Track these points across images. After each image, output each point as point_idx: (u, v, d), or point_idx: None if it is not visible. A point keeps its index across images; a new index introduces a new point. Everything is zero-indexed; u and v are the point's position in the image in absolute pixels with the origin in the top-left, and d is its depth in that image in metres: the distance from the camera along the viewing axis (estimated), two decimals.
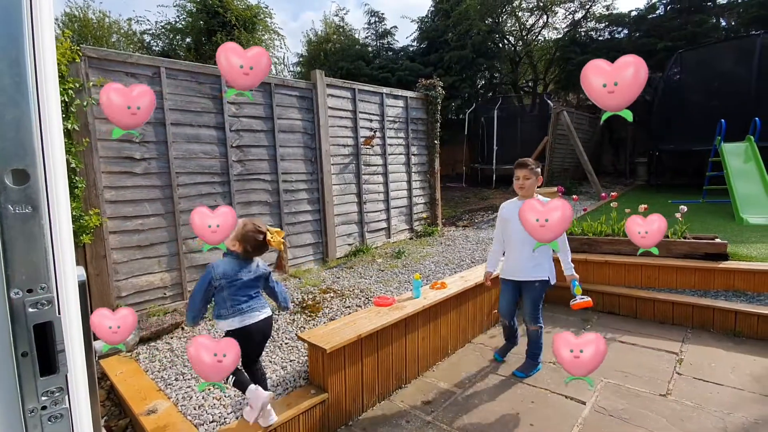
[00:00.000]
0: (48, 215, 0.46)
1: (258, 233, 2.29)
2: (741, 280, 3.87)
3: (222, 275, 2.21)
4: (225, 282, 2.21)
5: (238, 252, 2.30)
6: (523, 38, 15.76)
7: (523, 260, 3.04)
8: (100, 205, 3.54)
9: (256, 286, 2.35)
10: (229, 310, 2.23)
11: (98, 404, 0.57)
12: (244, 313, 2.25)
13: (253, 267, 2.35)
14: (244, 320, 2.24)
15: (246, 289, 2.29)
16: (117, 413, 2.77)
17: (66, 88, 3.28)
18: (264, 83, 4.75)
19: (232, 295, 2.24)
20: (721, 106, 8.79)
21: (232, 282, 2.23)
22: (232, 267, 2.26)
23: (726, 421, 2.44)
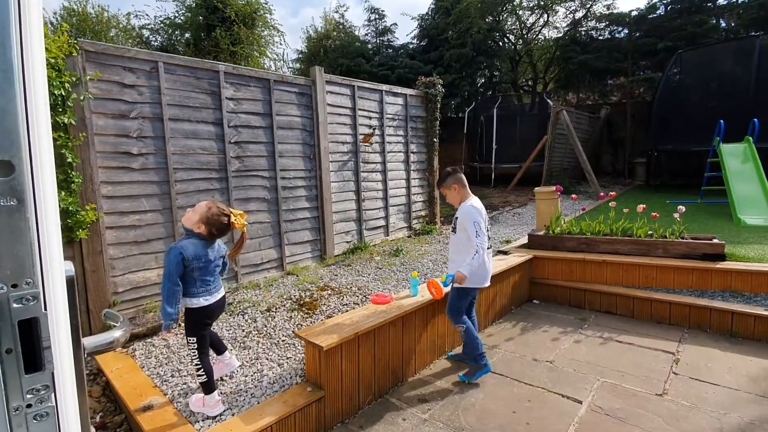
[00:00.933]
0: (34, 208, 0.45)
1: (223, 215, 2.37)
2: (738, 281, 3.88)
3: (194, 257, 2.29)
4: (197, 263, 2.31)
5: (204, 234, 2.36)
6: (523, 37, 15.72)
7: (449, 265, 3.17)
8: (97, 201, 3.51)
9: (218, 265, 2.48)
10: (198, 289, 2.35)
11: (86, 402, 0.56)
12: (211, 293, 2.39)
13: (217, 247, 2.46)
14: (209, 299, 2.39)
15: (214, 269, 2.41)
16: (113, 409, 2.76)
17: (63, 81, 3.25)
18: (263, 79, 4.72)
19: (202, 275, 2.34)
20: (720, 107, 8.79)
21: (204, 263, 2.33)
22: (202, 248, 2.35)
23: (722, 421, 2.44)
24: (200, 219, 2.34)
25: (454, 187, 3.03)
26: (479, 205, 2.95)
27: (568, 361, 3.24)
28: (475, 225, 2.82)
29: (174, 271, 2.25)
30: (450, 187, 3.04)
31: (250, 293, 4.30)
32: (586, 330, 3.81)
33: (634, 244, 4.40)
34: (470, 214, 2.87)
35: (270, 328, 3.49)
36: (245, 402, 2.50)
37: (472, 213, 2.87)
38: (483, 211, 2.93)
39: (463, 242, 2.93)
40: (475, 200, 2.99)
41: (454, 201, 3.07)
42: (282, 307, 3.90)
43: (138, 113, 3.76)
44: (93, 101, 3.49)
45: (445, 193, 3.10)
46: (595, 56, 12.60)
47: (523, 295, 4.60)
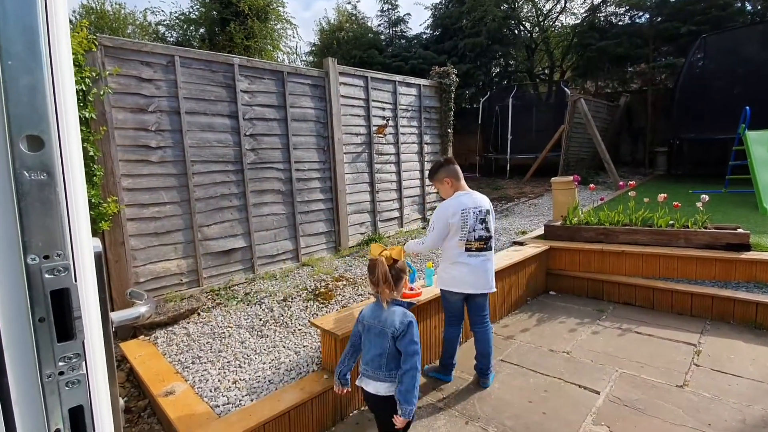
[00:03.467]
0: (63, 183, 0.47)
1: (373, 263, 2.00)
2: (763, 271, 3.76)
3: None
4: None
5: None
6: (539, 24, 15.37)
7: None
8: (118, 193, 3.60)
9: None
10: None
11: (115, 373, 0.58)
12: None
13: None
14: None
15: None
16: (136, 395, 2.85)
17: (83, 76, 3.33)
18: (276, 71, 4.74)
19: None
20: (745, 93, 8.45)
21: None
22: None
23: (745, 413, 2.39)
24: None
25: (447, 181, 2.70)
26: (462, 203, 2.62)
27: (585, 352, 3.21)
28: (432, 224, 2.64)
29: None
30: (442, 181, 2.71)
31: (267, 283, 4.36)
32: (604, 321, 3.76)
33: (655, 234, 4.30)
34: (437, 211, 2.66)
35: (286, 318, 3.55)
36: (263, 388, 2.55)
37: (439, 211, 2.64)
38: (460, 209, 2.59)
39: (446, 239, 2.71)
40: (460, 198, 2.65)
41: (447, 195, 2.73)
42: (298, 297, 3.95)
43: (156, 107, 3.82)
44: (112, 96, 3.56)
45: (438, 188, 2.78)
46: (614, 42, 12.23)
47: (540, 287, 4.56)
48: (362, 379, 1.96)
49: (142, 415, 2.65)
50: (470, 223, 2.63)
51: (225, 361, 2.90)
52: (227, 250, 4.37)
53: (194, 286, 4.14)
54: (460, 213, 2.60)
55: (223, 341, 3.19)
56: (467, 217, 2.62)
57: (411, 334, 1.85)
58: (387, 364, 1.87)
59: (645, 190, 7.58)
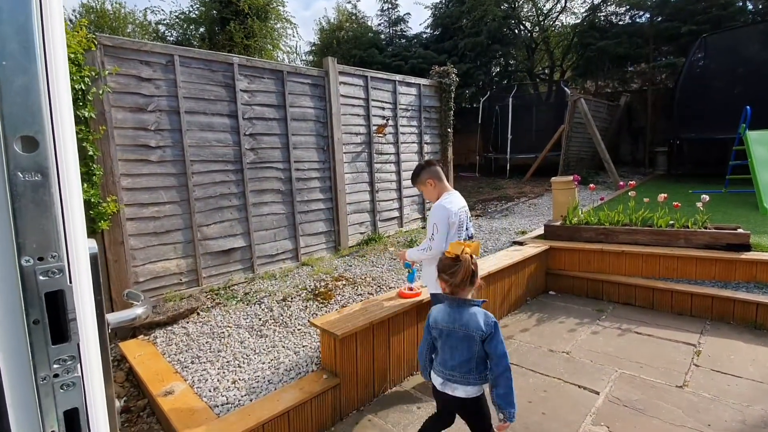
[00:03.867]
0: (58, 184, 0.46)
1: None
2: (764, 272, 3.76)
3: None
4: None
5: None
6: (539, 24, 15.36)
7: None
8: (117, 193, 3.60)
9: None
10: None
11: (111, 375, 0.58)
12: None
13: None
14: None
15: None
16: (136, 394, 2.85)
17: (83, 76, 3.32)
18: (276, 71, 4.73)
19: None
20: (746, 93, 8.44)
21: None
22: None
23: (745, 413, 2.39)
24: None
25: (430, 182, 2.69)
26: (454, 203, 2.61)
27: (585, 352, 3.20)
28: (434, 227, 2.55)
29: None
30: (425, 183, 2.70)
31: (266, 283, 4.36)
32: (603, 321, 3.76)
33: (655, 234, 4.29)
34: (434, 214, 2.59)
35: (286, 317, 3.55)
36: (263, 388, 2.55)
37: (438, 212, 2.57)
38: (455, 208, 2.59)
39: (426, 239, 2.66)
40: (451, 197, 2.65)
41: (432, 197, 2.73)
42: (297, 297, 3.94)
43: (155, 106, 3.82)
44: (112, 95, 3.56)
45: (421, 190, 2.79)
46: (614, 42, 12.22)
47: (539, 287, 4.56)
48: (447, 385, 1.87)
49: (142, 415, 2.65)
50: (464, 221, 2.66)
51: (224, 360, 2.90)
52: (227, 250, 4.37)
53: (194, 285, 4.13)
54: (456, 212, 2.60)
55: (223, 341, 3.19)
56: (461, 215, 2.64)
57: (498, 334, 1.82)
58: (477, 367, 1.82)
59: (645, 190, 7.57)
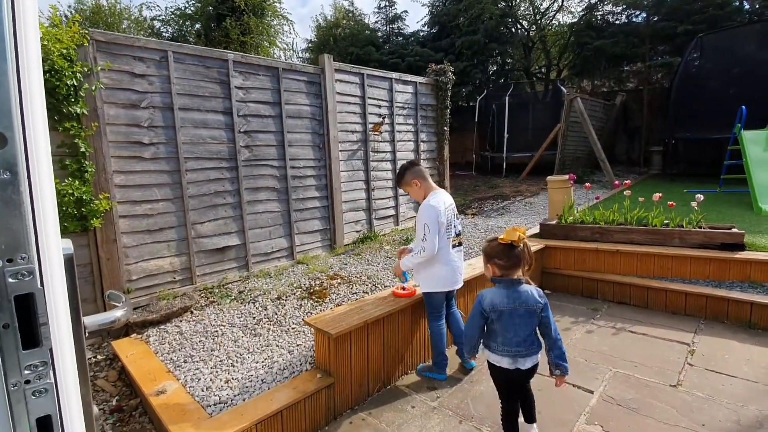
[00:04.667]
0: (28, 182, 0.44)
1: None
2: (758, 271, 3.77)
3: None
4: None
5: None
6: (536, 23, 15.37)
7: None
8: (110, 190, 3.56)
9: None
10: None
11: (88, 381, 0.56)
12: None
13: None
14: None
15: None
16: (128, 393, 2.83)
17: (75, 71, 3.28)
18: (271, 68, 4.70)
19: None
20: (741, 93, 8.48)
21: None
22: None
23: (739, 413, 2.39)
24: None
25: (415, 183, 2.70)
26: (441, 201, 2.62)
27: (579, 351, 3.20)
28: (425, 227, 2.54)
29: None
30: (410, 184, 2.71)
31: (261, 281, 4.34)
32: (598, 320, 3.76)
33: (650, 233, 4.30)
34: (423, 214, 2.59)
35: (280, 316, 3.53)
36: (256, 387, 2.53)
37: (427, 212, 2.57)
38: (443, 207, 2.61)
39: (417, 240, 2.69)
40: (438, 196, 2.66)
41: (418, 197, 2.74)
42: (292, 296, 3.93)
43: (149, 103, 3.78)
44: (104, 91, 3.52)
45: (407, 191, 2.79)
46: (611, 41, 12.24)
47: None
48: (518, 361, 2.00)
49: (134, 414, 2.63)
50: (452, 220, 2.70)
51: (217, 360, 2.88)
52: (221, 248, 4.34)
53: (187, 284, 4.11)
54: (444, 211, 2.62)
55: (216, 340, 3.17)
56: (449, 214, 2.67)
57: (548, 304, 2.03)
58: (537, 338, 2.02)
59: (640, 190, 7.60)
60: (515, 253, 2.00)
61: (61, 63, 3.18)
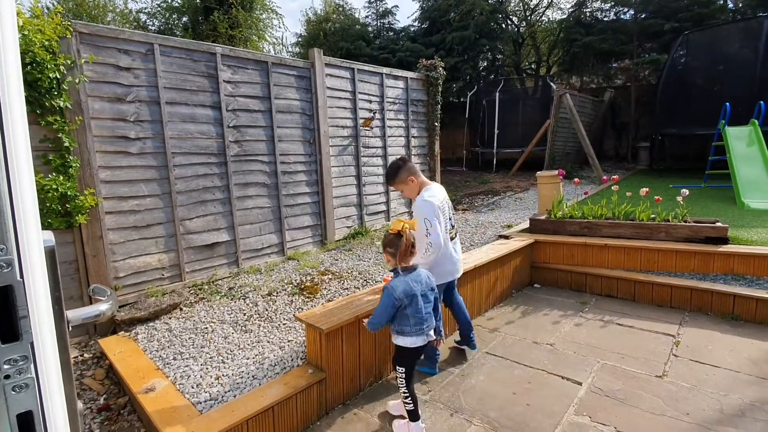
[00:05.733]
0: (6, 171, 0.43)
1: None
2: (741, 264, 3.86)
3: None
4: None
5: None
6: (526, 19, 15.43)
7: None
8: (95, 186, 3.49)
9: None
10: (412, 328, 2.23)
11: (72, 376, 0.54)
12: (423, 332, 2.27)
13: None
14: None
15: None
16: (116, 392, 2.79)
17: (57, 64, 3.20)
18: (260, 61, 4.64)
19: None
20: (725, 90, 8.64)
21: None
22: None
23: (722, 402, 2.45)
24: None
25: (411, 179, 2.68)
26: (435, 195, 2.62)
27: (568, 343, 3.25)
28: (425, 223, 2.51)
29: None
30: (406, 181, 2.67)
31: (251, 278, 4.31)
32: (586, 313, 3.81)
33: (637, 227, 4.37)
34: (421, 210, 2.56)
35: (271, 312, 3.51)
36: (247, 384, 2.52)
37: (423, 209, 2.55)
38: (437, 200, 2.61)
39: (419, 238, 2.57)
40: (431, 190, 2.66)
41: (412, 194, 2.70)
42: (283, 292, 3.91)
43: (134, 97, 3.71)
44: (88, 84, 3.44)
45: (401, 189, 2.73)
46: (599, 38, 12.35)
47: (524, 279, 4.60)
48: (425, 336, 2.24)
49: (122, 413, 2.59)
50: (447, 212, 2.74)
51: (207, 356, 2.86)
52: (210, 244, 4.29)
53: (176, 280, 4.06)
54: (440, 205, 2.63)
55: (206, 336, 3.14)
56: (445, 207, 2.71)
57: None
58: (435, 310, 2.32)
59: (627, 185, 7.71)
60: (402, 241, 2.19)
61: (43, 55, 3.09)
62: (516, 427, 2.32)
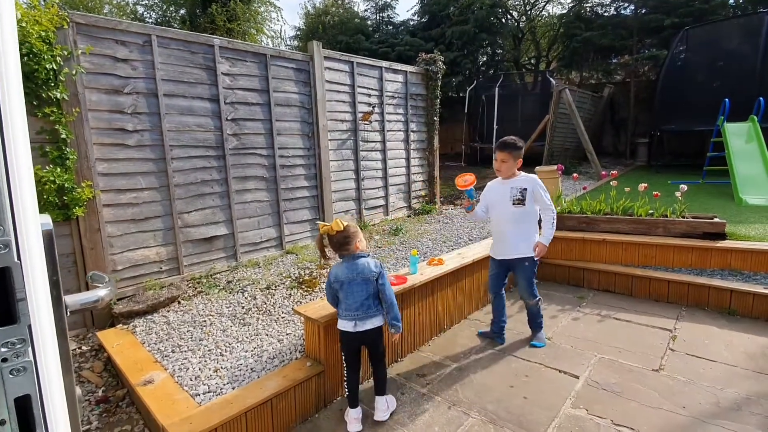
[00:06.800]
0: (2, 152, 0.42)
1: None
2: (738, 260, 3.87)
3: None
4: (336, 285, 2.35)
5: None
6: (526, 13, 15.36)
7: (508, 240, 3.05)
8: (93, 178, 3.47)
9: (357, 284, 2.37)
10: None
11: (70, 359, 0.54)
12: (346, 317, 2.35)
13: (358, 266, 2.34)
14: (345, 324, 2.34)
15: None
16: (114, 384, 2.79)
17: (54, 55, 3.17)
18: (259, 54, 4.61)
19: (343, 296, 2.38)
20: (725, 86, 8.63)
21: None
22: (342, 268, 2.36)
23: (718, 396, 2.47)
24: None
25: (520, 161, 3.00)
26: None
27: (565, 337, 3.26)
28: (546, 193, 2.94)
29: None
30: (516, 159, 2.98)
31: (250, 271, 4.30)
32: (584, 308, 3.83)
33: (635, 223, 4.38)
34: (540, 182, 2.93)
35: (269, 305, 3.51)
36: (245, 376, 2.52)
37: (542, 184, 2.93)
38: None
39: (532, 213, 2.97)
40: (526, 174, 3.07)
41: (509, 171, 3.00)
42: (281, 285, 3.90)
43: (132, 88, 3.68)
44: (85, 76, 3.41)
45: (507, 161, 2.97)
46: (599, 33, 12.31)
47: None
48: (356, 324, 2.28)
49: (121, 405, 2.60)
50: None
51: (206, 349, 2.86)
52: (209, 238, 4.29)
53: (174, 274, 4.05)
54: None
55: (204, 329, 3.14)
56: None
57: (383, 273, 2.33)
58: (374, 304, 2.31)
59: (626, 180, 7.72)
60: (334, 238, 2.34)
61: (39, 46, 3.06)
62: (513, 420, 2.33)
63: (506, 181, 3.03)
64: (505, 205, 3.00)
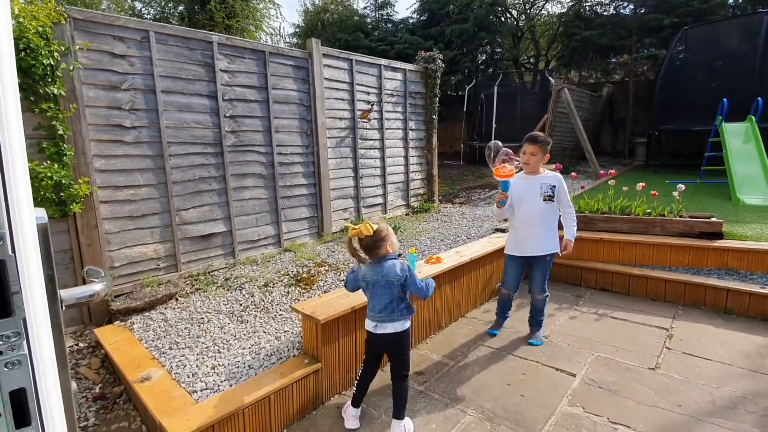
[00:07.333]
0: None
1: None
2: (734, 259, 3.89)
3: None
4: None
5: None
6: (526, 12, 15.33)
7: (537, 236, 3.04)
8: (90, 174, 3.46)
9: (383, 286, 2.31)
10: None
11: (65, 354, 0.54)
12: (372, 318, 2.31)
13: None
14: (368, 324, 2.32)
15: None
16: (111, 381, 2.79)
17: (51, 50, 3.16)
18: (258, 51, 4.59)
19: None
20: (724, 86, 8.63)
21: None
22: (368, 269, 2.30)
23: (714, 394, 2.48)
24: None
25: (547, 156, 3.05)
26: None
27: (562, 336, 3.27)
28: (568, 195, 3.07)
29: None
30: (543, 155, 3.03)
31: (248, 269, 4.30)
32: (581, 306, 3.84)
33: (632, 222, 4.39)
34: (564, 185, 3.04)
35: (267, 303, 3.51)
36: (243, 373, 2.52)
37: (565, 184, 3.06)
38: None
39: (557, 210, 3.05)
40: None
41: (535, 167, 3.03)
42: (279, 283, 3.90)
43: (130, 85, 3.66)
44: (83, 71, 3.39)
45: (535, 154, 2.99)
46: (598, 32, 12.30)
47: None
48: (378, 326, 2.24)
49: (118, 402, 2.59)
50: None
51: (203, 346, 2.86)
52: (206, 235, 4.28)
53: (172, 271, 4.04)
54: None
55: (202, 327, 3.14)
56: None
57: (410, 276, 2.25)
58: (397, 308, 2.24)
59: (624, 180, 7.72)
60: (363, 241, 2.26)
61: (36, 41, 3.05)
62: (510, 417, 2.34)
63: (531, 177, 3.03)
64: (534, 200, 2.99)
